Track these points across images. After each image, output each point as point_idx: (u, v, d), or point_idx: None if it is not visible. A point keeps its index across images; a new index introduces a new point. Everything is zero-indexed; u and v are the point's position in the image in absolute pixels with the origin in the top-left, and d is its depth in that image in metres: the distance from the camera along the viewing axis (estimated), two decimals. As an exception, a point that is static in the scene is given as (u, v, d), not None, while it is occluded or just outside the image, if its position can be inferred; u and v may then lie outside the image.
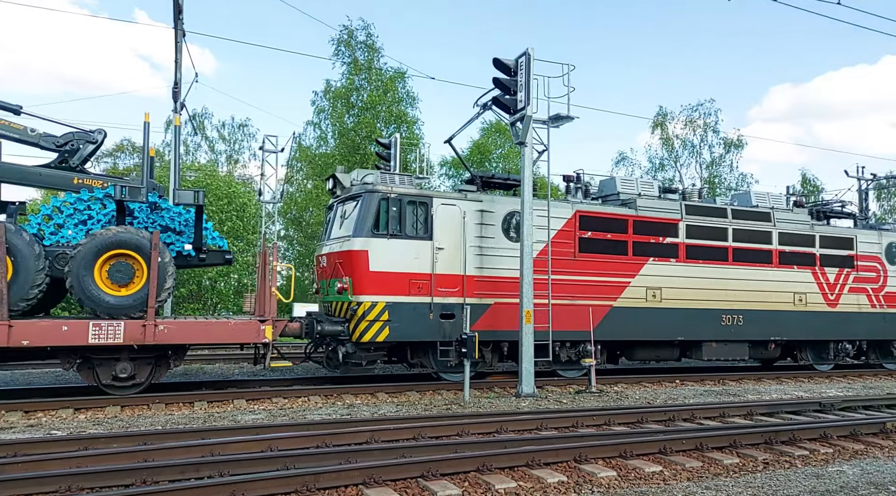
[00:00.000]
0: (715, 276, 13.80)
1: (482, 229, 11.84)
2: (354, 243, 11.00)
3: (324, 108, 31.68)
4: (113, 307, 9.33)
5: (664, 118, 36.91)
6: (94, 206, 10.16)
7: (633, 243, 13.06)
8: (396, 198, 11.23)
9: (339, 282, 11.20)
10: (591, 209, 12.86)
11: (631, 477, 5.90)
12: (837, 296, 15.26)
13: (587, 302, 12.47)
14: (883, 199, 40.56)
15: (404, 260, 11.13)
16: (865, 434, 7.76)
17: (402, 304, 11.04)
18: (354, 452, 6.13)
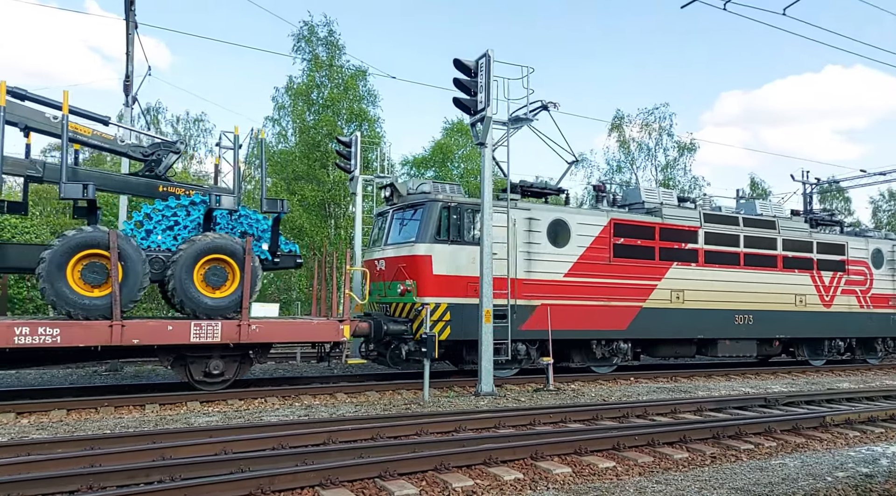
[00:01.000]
0: (729, 279, 15.01)
1: (529, 235, 12.74)
2: (419, 248, 11.78)
3: (284, 104, 31.18)
4: (210, 308, 10.03)
5: (621, 121, 37.72)
6: (179, 212, 10.66)
7: (660, 249, 14.17)
8: (456, 206, 12.16)
9: (401, 285, 11.94)
10: (624, 217, 13.98)
11: (585, 473, 6.03)
12: (832, 298, 16.66)
13: (621, 303, 13.53)
14: (825, 203, 42.46)
15: (462, 264, 11.99)
16: (806, 428, 8.12)
17: (461, 306, 11.87)
18: (311, 454, 6.07)
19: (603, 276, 13.40)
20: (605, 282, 13.41)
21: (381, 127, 30.60)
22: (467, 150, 34.13)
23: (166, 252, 10.20)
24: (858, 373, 15.96)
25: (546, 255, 12.85)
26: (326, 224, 29.82)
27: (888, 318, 17.67)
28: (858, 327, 17.15)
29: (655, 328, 13.92)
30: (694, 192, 36.05)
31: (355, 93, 29.80)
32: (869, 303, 17.38)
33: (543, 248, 12.84)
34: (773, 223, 15.99)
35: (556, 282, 12.84)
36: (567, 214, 13.36)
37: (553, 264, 12.88)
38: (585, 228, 13.31)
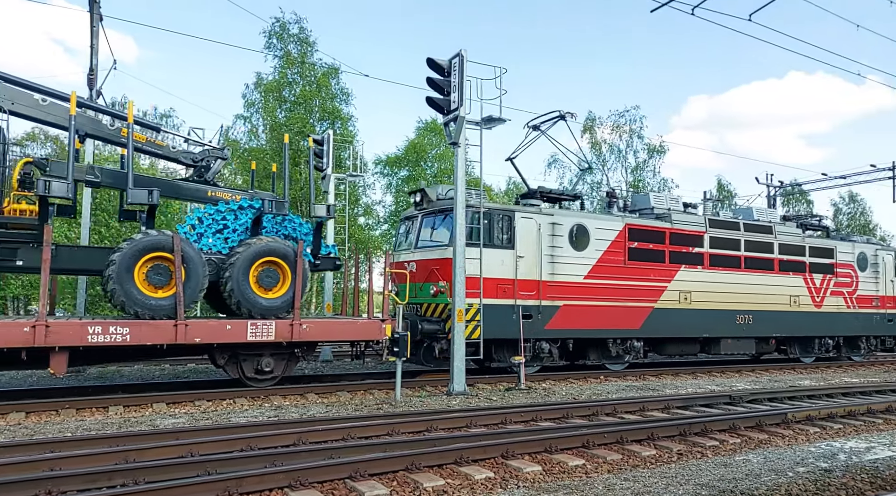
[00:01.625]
0: (731, 281, 15.89)
1: (553, 240, 13.37)
2: (451, 252, 11.94)
3: (254, 101, 30.74)
4: (265, 308, 10.53)
5: (593, 123, 38.16)
6: (228, 216, 11.11)
7: (670, 252, 14.99)
8: (487, 212, 12.65)
9: (434, 286, 12.51)
10: (638, 222, 14.71)
11: (555, 471, 6.08)
12: (822, 299, 17.69)
13: (635, 303, 14.28)
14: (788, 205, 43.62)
15: (493, 266, 12.51)
16: (769, 424, 8.32)
17: (492, 306, 12.41)
18: (281, 455, 6.00)
19: (619, 278, 14.15)
20: (620, 283, 14.16)
21: (354, 125, 30.40)
22: (441, 150, 34.14)
23: (217, 254, 10.66)
24: (819, 371, 16.44)
25: (568, 258, 13.54)
26: (298, 223, 29.45)
27: (871, 318, 18.73)
28: (846, 326, 18.16)
29: (666, 327, 14.71)
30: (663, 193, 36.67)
31: (328, 90, 29.54)
32: (855, 304, 18.43)
33: (565, 251, 13.52)
34: (770, 228, 16.92)
35: (577, 283, 13.56)
36: (587, 219, 14.04)
37: (574, 266, 13.60)
38: (603, 233, 14.05)
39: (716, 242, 15.69)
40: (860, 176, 29.73)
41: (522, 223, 12.95)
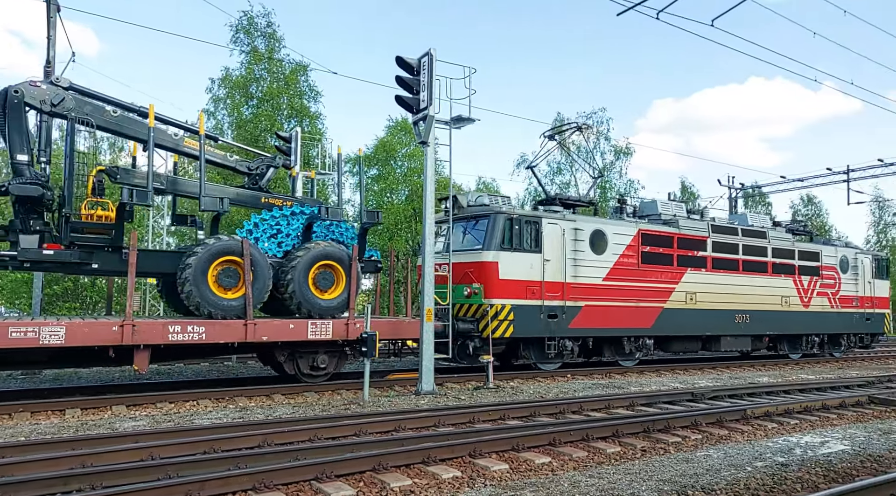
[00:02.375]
0: (731, 283, 17.02)
1: (575, 244, 14.23)
2: (486, 255, 13.06)
3: (220, 97, 30.15)
4: (323, 309, 11.26)
5: (561, 124, 38.55)
6: (282, 222, 11.72)
7: (677, 256, 16.03)
8: (517, 218, 13.50)
9: (467, 288, 13.22)
10: (650, 228, 15.74)
11: (522, 469, 6.12)
12: (809, 300, 18.96)
13: (647, 304, 15.27)
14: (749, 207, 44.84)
15: (523, 269, 13.34)
16: (729, 420, 8.54)
17: (522, 307, 13.20)
18: (245, 457, 5.89)
19: (633, 280, 15.11)
20: (634, 285, 15.12)
21: (322, 123, 30.10)
22: (411, 149, 34.06)
23: (272, 258, 11.25)
24: (777, 368, 16.95)
25: (588, 261, 14.43)
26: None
27: (852, 317, 20.17)
28: (830, 325, 19.52)
29: (674, 326, 15.78)
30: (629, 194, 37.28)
31: (296, 88, 29.17)
32: (838, 304, 19.77)
33: (586, 254, 14.41)
34: (764, 233, 18.15)
35: (597, 285, 14.48)
36: (605, 225, 14.99)
37: (594, 269, 14.50)
38: (619, 237, 14.99)
39: (717, 247, 16.84)
40: (817, 179, 30.75)
41: (549, 228, 13.83)
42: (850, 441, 7.50)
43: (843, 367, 17.66)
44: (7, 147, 9.96)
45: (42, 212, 10.10)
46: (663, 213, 16.63)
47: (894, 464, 6.41)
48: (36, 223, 9.90)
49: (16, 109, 9.57)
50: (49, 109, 9.91)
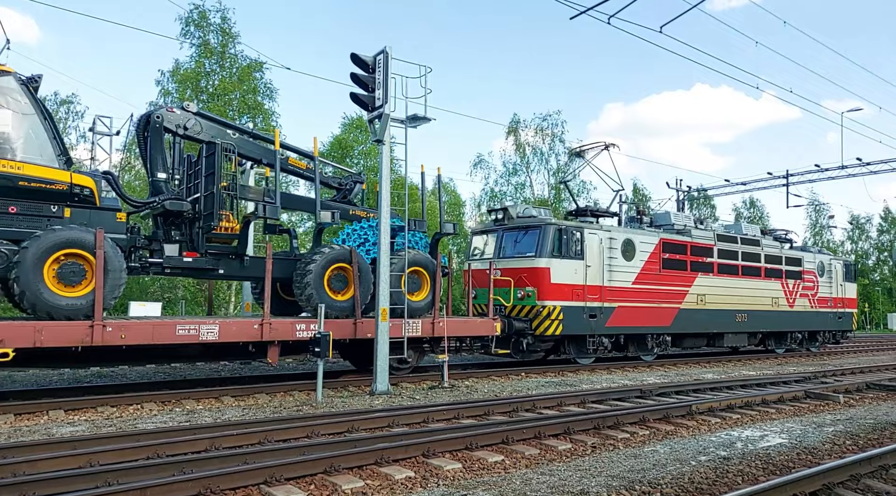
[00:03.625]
0: (732, 286, 18.90)
1: (610, 252, 15.81)
2: (539, 262, 14.68)
3: (169, 90, 29.19)
4: (413, 309, 12.32)
5: (517, 125, 39.00)
6: (369, 232, 12.98)
7: (690, 262, 17.78)
8: (565, 228, 15.14)
9: (521, 291, 14.72)
10: (669, 237, 17.51)
11: (475, 468, 6.14)
12: (794, 300, 21.02)
13: (667, 305, 17.01)
14: (695, 209, 46.38)
15: (569, 274, 14.98)
16: (675, 416, 8.80)
17: (569, 307, 14.82)
18: (191, 462, 5.71)
19: (656, 284, 16.83)
20: (657, 288, 16.84)
21: (276, 121, 29.55)
22: (367, 147, 33.78)
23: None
24: (721, 365, 17.59)
25: (620, 267, 16.03)
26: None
27: (827, 316, 22.52)
28: (810, 323, 21.79)
29: (688, 325, 17.56)
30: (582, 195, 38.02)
31: (250, 84, 28.54)
32: (816, 304, 22.01)
33: (618, 261, 16.00)
34: (758, 241, 20.09)
35: (627, 288, 16.10)
36: (634, 234, 16.61)
37: (624, 274, 16.09)
38: (645, 245, 16.66)
39: (722, 253, 18.72)
40: (759, 183, 32.05)
41: (590, 238, 15.47)
42: (787, 434, 7.85)
43: (802, 363, 18.49)
44: (148, 166, 11.10)
45: (180, 223, 11.11)
46: (675, 224, 18.47)
47: (828, 456, 6.74)
48: (176, 234, 11.07)
49: (157, 133, 10.74)
50: (182, 133, 11.15)
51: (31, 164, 8.99)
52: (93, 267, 9.08)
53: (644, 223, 18.14)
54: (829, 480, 5.47)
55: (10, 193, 8.92)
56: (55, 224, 9.16)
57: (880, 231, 59.74)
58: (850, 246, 57.16)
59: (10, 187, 8.86)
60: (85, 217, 9.61)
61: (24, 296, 8.67)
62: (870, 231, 59.48)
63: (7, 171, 8.76)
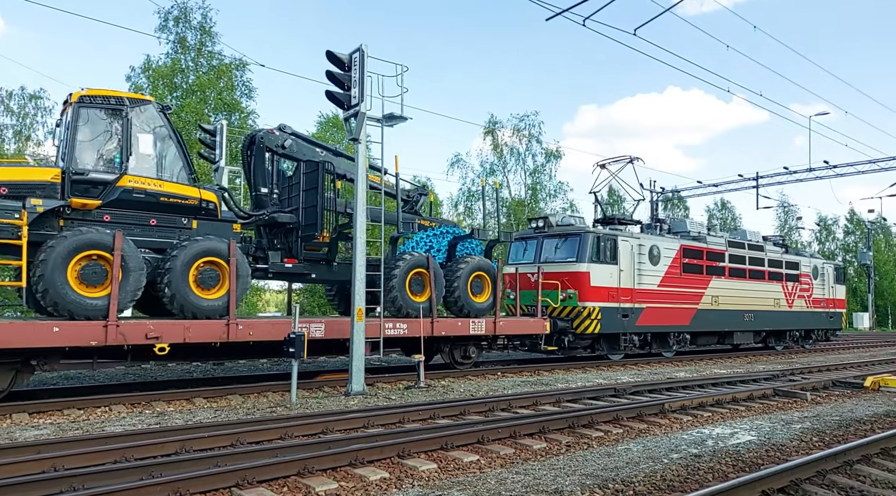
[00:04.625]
0: (741, 288, 20.43)
1: (639, 257, 17.25)
2: (580, 266, 16.11)
3: (141, 86, 28.61)
4: (478, 310, 13.83)
5: (494, 126, 39.10)
6: (433, 240, 14.43)
7: (706, 266, 19.27)
8: (602, 236, 16.57)
9: (563, 293, 16.01)
10: (689, 243, 18.99)
11: (450, 468, 6.13)
12: (792, 301, 22.70)
13: (686, 306, 18.55)
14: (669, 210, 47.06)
15: (605, 278, 16.35)
16: (648, 414, 8.91)
17: (606, 308, 16.21)
18: (160, 465, 5.59)
19: (677, 286, 18.32)
20: (678, 290, 18.34)
21: (254, 121, 29.21)
22: (343, 146, 33.56)
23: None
24: (693, 364, 17.88)
25: (647, 271, 17.47)
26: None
27: (820, 315, 24.36)
28: (806, 322, 23.61)
29: (704, 324, 19.09)
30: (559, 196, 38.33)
31: (229, 82, 28.15)
32: (811, 305, 23.83)
33: (646, 266, 17.43)
34: (762, 247, 21.75)
35: (653, 290, 17.57)
36: (659, 241, 18.04)
37: (651, 277, 17.55)
38: (668, 251, 18.11)
39: (732, 258, 20.28)
40: (730, 185, 32.64)
41: (622, 244, 16.86)
42: (756, 432, 8.00)
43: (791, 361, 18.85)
44: (251, 181, 12.34)
45: (281, 233, 12.27)
46: (691, 231, 19.95)
47: (795, 453, 6.89)
48: (278, 242, 12.26)
49: (260, 152, 11.98)
50: (281, 152, 12.36)
51: (169, 182, 10.33)
52: (225, 273, 10.37)
53: (663, 230, 19.62)
54: (796, 476, 5.58)
55: (152, 208, 10.20)
56: (184, 235, 10.42)
57: (846, 232, 61.36)
58: (817, 247, 58.55)
59: (153, 202, 10.16)
60: (209, 228, 10.81)
61: (174, 299, 9.89)
62: (836, 232, 61.08)
63: (150, 188, 10.09)
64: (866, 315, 49.51)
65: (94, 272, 9.24)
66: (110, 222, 9.82)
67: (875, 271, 53.41)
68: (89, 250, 9.16)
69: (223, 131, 13.33)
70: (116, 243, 9.23)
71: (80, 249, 9.08)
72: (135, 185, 9.93)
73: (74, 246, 9.03)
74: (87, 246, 9.12)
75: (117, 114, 9.84)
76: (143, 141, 10.01)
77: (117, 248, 9.23)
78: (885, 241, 61.99)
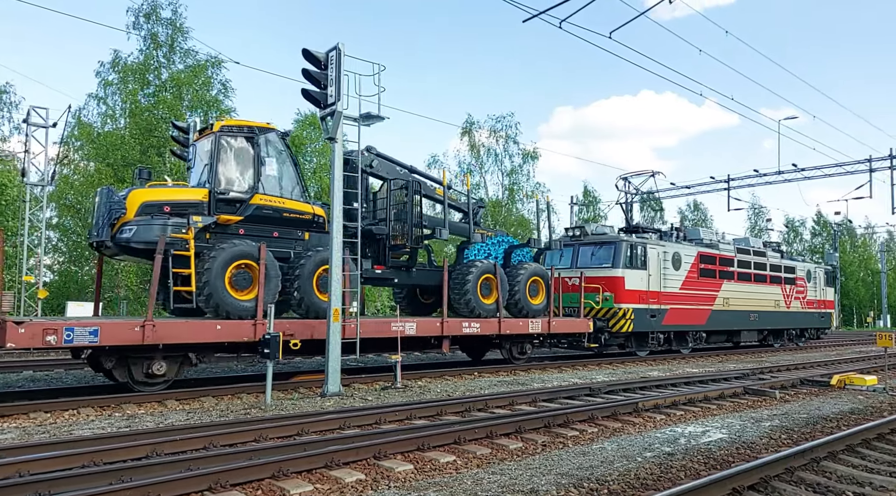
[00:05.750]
0: (747, 291, 22.42)
1: (664, 263, 19.11)
2: (616, 272, 17.85)
3: (112, 81, 28.02)
4: (535, 311, 15.56)
5: (472, 126, 39.18)
6: (492, 248, 16.16)
7: (718, 271, 21.18)
8: (635, 244, 18.33)
9: (598, 296, 17.66)
10: (704, 250, 20.93)
11: (427, 469, 6.12)
12: (790, 303, 24.84)
13: (702, 307, 20.49)
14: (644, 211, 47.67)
15: (637, 282, 18.15)
16: (623, 413, 9.01)
17: (638, 309, 18.04)
18: (130, 469, 5.47)
19: (695, 289, 20.17)
20: (696, 293, 20.19)
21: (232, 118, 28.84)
22: (321, 144, 33.30)
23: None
24: (666, 362, 18.15)
25: (671, 276, 19.29)
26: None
27: (813, 315, 26.64)
28: (801, 321, 25.82)
29: (717, 323, 21.02)
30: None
31: (205, 80, 27.73)
32: (806, 306, 26.02)
33: (669, 270, 19.26)
34: (764, 253, 23.96)
35: (676, 293, 19.40)
36: (680, 248, 20.00)
37: (674, 281, 19.39)
38: (687, 257, 20.00)
39: (740, 263, 22.23)
40: (702, 186, 33.20)
41: (651, 251, 18.70)
42: (727, 430, 8.15)
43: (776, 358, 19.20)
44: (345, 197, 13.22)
45: (372, 243, 13.68)
46: (704, 238, 22.02)
47: (765, 450, 7.03)
48: (369, 251, 13.52)
49: (355, 171, 12.66)
50: (369, 171, 13.74)
51: (289, 200, 11.88)
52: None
53: (679, 237, 21.31)
54: (765, 474, 5.69)
55: (276, 222, 11.73)
56: (298, 246, 12.04)
57: (813, 234, 62.97)
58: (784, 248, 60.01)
59: (277, 217, 11.70)
60: (317, 240, 12.29)
61: (302, 301, 11.52)
62: (803, 233, 62.61)
63: (275, 204, 11.64)
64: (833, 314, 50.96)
65: (244, 278, 10.84)
66: (245, 235, 11.28)
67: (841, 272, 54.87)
68: (240, 260, 10.74)
69: (196, 129, 13.11)
70: (261, 254, 10.79)
71: (235, 259, 10.66)
72: (263, 202, 11.46)
73: (230, 256, 10.58)
74: (239, 256, 10.71)
75: (249, 141, 11.38)
76: (269, 164, 11.56)
77: (262, 257, 10.79)
78: (851, 243, 63.77)
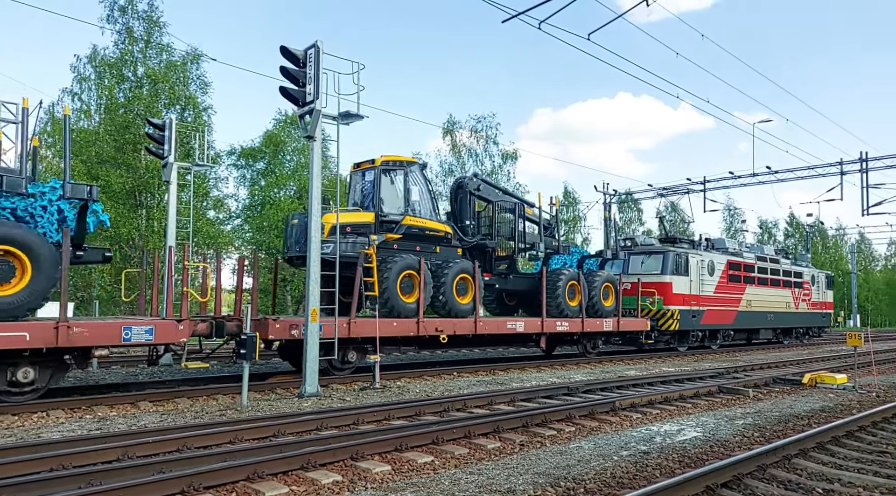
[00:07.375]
0: (765, 294, 25.42)
1: (701, 270, 21.81)
2: (665, 278, 20.62)
3: (87, 76, 27.47)
4: (606, 312, 17.88)
5: (453, 126, 39.18)
6: (568, 258, 18.68)
7: (743, 276, 24.06)
8: (679, 253, 21.08)
9: (649, 299, 20.08)
10: (732, 258, 23.76)
11: (404, 469, 6.09)
12: (798, 304, 27.80)
13: (731, 308, 23.32)
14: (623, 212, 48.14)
15: (681, 286, 20.88)
16: (600, 412, 9.08)
17: (682, 310, 20.73)
18: (100, 472, 5.36)
19: (725, 293, 22.89)
20: (726, 296, 22.90)
21: (209, 116, 28.40)
22: (301, 144, 32.99)
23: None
24: (643, 362, 18.35)
25: (707, 281, 21.98)
26: (137, 214, 26.87)
27: (816, 315, 29.60)
28: (806, 321, 28.80)
29: (741, 322, 23.93)
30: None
31: (183, 75, 27.30)
32: (810, 307, 28.95)
33: (706, 276, 21.94)
34: (778, 260, 26.81)
35: (710, 296, 22.10)
36: (714, 256, 22.73)
37: (709, 286, 22.06)
38: (719, 265, 22.75)
39: (759, 269, 25.18)
40: (679, 188, 33.64)
41: (692, 260, 21.45)
42: (702, 428, 8.26)
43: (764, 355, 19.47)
44: (457, 215, 15.80)
45: (481, 254, 15.91)
46: (729, 247, 24.72)
47: (738, 448, 7.14)
48: (478, 261, 15.29)
49: (465, 194, 15.54)
50: (477, 194, 15.85)
51: (427, 220, 14.29)
52: (470, 285, 14.47)
53: (709, 247, 23.75)
54: (738, 471, 5.78)
55: (419, 238, 14.08)
56: (431, 258, 14.16)
57: (786, 235, 64.18)
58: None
59: (420, 234, 14.08)
60: (445, 253, 14.62)
61: (445, 305, 13.91)
62: (777, 235, 63.79)
63: (419, 224, 14.04)
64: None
65: (408, 285, 13.33)
66: (397, 250, 13.51)
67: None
68: (407, 270, 13.26)
69: (172, 126, 12.93)
70: (421, 266, 13.41)
71: (404, 269, 13.20)
72: (411, 222, 13.84)
73: (401, 267, 13.12)
74: (407, 267, 13.27)
75: (401, 172, 13.83)
76: (414, 191, 13.95)
77: (422, 269, 13.42)
78: (822, 244, 65.14)
